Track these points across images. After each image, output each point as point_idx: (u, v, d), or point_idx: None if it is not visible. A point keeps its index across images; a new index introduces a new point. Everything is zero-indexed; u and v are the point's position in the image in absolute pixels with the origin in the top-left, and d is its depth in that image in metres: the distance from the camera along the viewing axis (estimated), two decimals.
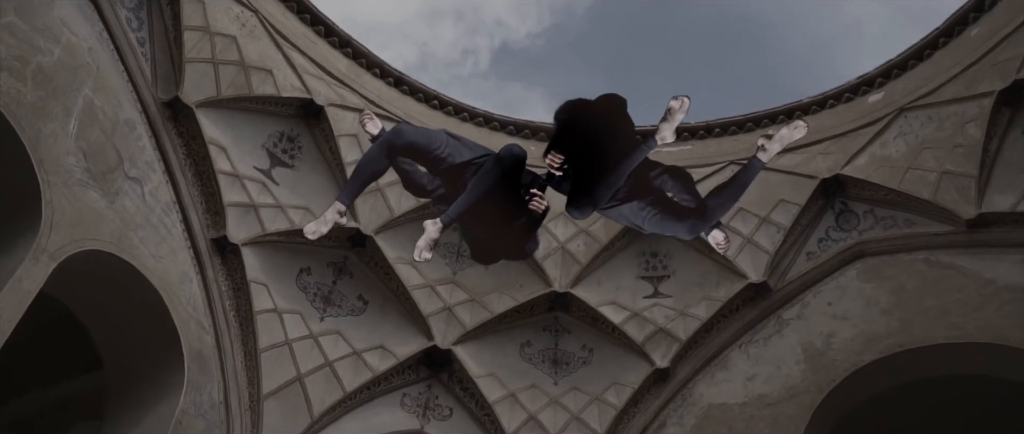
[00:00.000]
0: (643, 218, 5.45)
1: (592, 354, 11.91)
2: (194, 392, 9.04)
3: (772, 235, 11.77)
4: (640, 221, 5.45)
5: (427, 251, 5.60)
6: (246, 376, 9.93)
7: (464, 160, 5.47)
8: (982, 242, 10.73)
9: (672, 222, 5.36)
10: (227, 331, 9.89)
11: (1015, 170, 10.68)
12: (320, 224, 5.69)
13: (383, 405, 11.13)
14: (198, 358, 9.34)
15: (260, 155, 10.99)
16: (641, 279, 12.11)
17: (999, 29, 10.98)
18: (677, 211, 5.38)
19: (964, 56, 11.35)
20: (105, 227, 8.59)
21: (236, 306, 10.19)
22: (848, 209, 11.93)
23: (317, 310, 11.10)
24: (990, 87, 10.76)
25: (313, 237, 5.66)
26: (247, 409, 9.79)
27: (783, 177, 12.01)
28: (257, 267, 10.47)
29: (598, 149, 5.30)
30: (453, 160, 5.46)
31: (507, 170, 5.42)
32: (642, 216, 5.47)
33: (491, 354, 11.68)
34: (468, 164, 5.46)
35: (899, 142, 11.65)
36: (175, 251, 9.61)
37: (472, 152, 5.56)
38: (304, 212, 10.98)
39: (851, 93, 12.55)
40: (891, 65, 12.28)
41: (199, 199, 10.19)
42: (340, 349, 10.95)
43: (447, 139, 5.52)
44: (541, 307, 11.94)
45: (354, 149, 11.47)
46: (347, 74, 11.96)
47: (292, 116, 11.30)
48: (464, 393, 11.53)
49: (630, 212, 5.50)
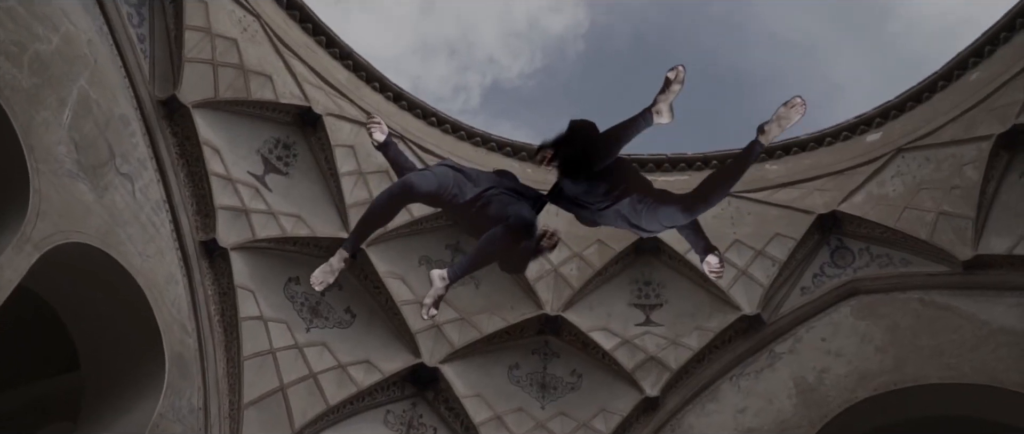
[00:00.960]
0: (640, 213, 5.29)
1: (581, 379, 11.71)
2: (173, 396, 8.77)
3: (767, 268, 11.71)
4: (638, 218, 5.29)
5: (434, 308, 5.46)
6: (227, 383, 9.65)
7: (469, 198, 5.33)
8: (978, 284, 10.74)
9: (668, 208, 5.17)
10: (211, 336, 9.64)
11: (1012, 213, 10.73)
12: (326, 274, 5.43)
13: (366, 421, 10.85)
14: (179, 362, 9.08)
15: (255, 160, 10.83)
16: (633, 306, 11.98)
17: (998, 75, 11.11)
18: (673, 198, 5.22)
19: (962, 100, 11.46)
20: (93, 221, 8.39)
21: (221, 311, 9.95)
22: (843, 246, 11.92)
23: (303, 320, 10.87)
24: (989, 130, 10.86)
25: (319, 288, 5.48)
26: (226, 417, 9.50)
27: (780, 211, 12.02)
28: (245, 273, 10.26)
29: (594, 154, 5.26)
30: (460, 200, 5.33)
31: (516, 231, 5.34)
32: (638, 210, 5.31)
33: (478, 374, 11.45)
34: (475, 199, 5.35)
35: (896, 182, 11.70)
36: (162, 251, 9.40)
37: (477, 185, 5.41)
38: (296, 220, 10.81)
39: (849, 132, 12.62)
40: (889, 106, 12.39)
41: (190, 200, 10.00)
42: (325, 361, 10.70)
43: (454, 177, 5.37)
44: (531, 329, 11.75)
45: (350, 159, 11.35)
46: (347, 86, 11.87)
47: (289, 123, 11.17)
48: (449, 413, 11.28)
49: (627, 210, 5.34)
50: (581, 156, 5.24)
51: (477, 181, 5.42)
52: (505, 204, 5.36)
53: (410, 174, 5.28)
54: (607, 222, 5.59)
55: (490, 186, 5.43)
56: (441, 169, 5.41)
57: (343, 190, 11.16)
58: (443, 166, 5.56)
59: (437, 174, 5.30)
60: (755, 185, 12.43)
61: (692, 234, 5.63)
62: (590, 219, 5.65)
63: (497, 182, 5.51)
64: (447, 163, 5.62)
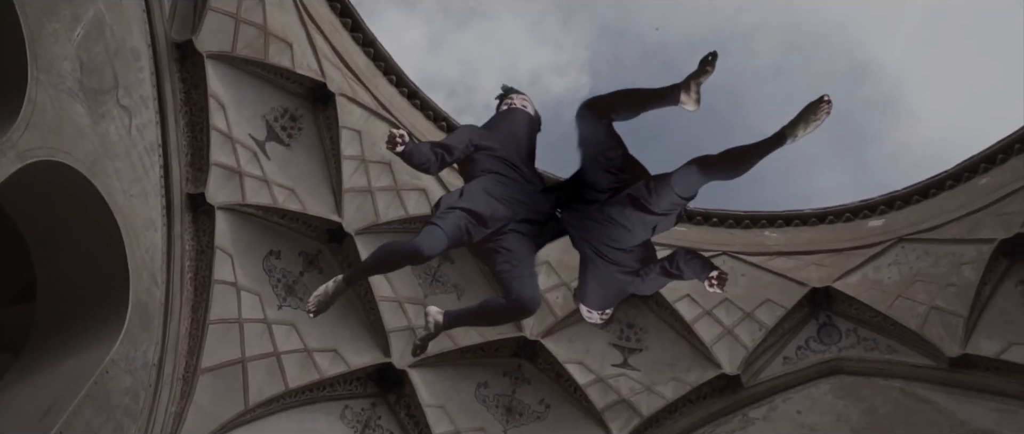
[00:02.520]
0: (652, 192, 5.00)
1: (548, 410, 11.32)
2: (129, 346, 8.24)
3: (753, 332, 11.54)
4: (648, 199, 4.99)
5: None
6: (188, 344, 9.14)
7: (481, 238, 5.10)
8: (961, 383, 10.65)
9: (684, 168, 4.90)
10: (180, 292, 9.15)
11: (1004, 319, 10.71)
12: (322, 302, 5.18)
13: (322, 412, 10.35)
14: (142, 312, 8.58)
15: (258, 124, 10.47)
16: (613, 346, 11.68)
17: (1008, 183, 11.18)
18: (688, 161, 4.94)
19: (969, 201, 11.52)
20: (83, 146, 7.96)
21: (195, 269, 9.47)
22: (832, 323, 11.81)
23: (277, 296, 10.40)
24: (992, 234, 10.89)
25: (313, 313, 5.19)
26: (180, 379, 8.96)
27: (774, 278, 11.93)
28: (227, 235, 9.81)
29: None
30: (472, 240, 5.10)
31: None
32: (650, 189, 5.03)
33: (445, 386, 11.02)
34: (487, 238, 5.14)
35: (893, 269, 11.68)
36: (147, 194, 8.95)
37: (489, 226, 5.10)
38: (289, 193, 10.43)
39: (851, 214, 12.65)
40: (895, 196, 12.44)
41: (185, 149, 9.60)
42: (291, 342, 10.22)
43: (465, 224, 4.99)
44: (506, 350, 11.38)
45: (355, 144, 11.04)
46: (365, 72, 11.62)
47: (300, 95, 10.85)
48: (409, 420, 10.80)
49: (639, 191, 5.05)
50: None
51: (491, 218, 5.08)
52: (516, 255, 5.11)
53: (421, 240, 4.84)
54: (613, 216, 5.28)
55: (503, 224, 5.13)
56: (453, 220, 4.96)
57: (343, 173, 10.82)
58: (455, 213, 5.04)
59: (448, 230, 4.91)
60: (752, 249, 12.38)
61: (693, 262, 5.37)
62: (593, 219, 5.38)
63: (511, 214, 5.18)
64: (459, 205, 5.03)
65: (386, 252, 5.17)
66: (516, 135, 5.47)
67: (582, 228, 5.43)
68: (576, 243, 5.49)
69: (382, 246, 5.21)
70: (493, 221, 5.09)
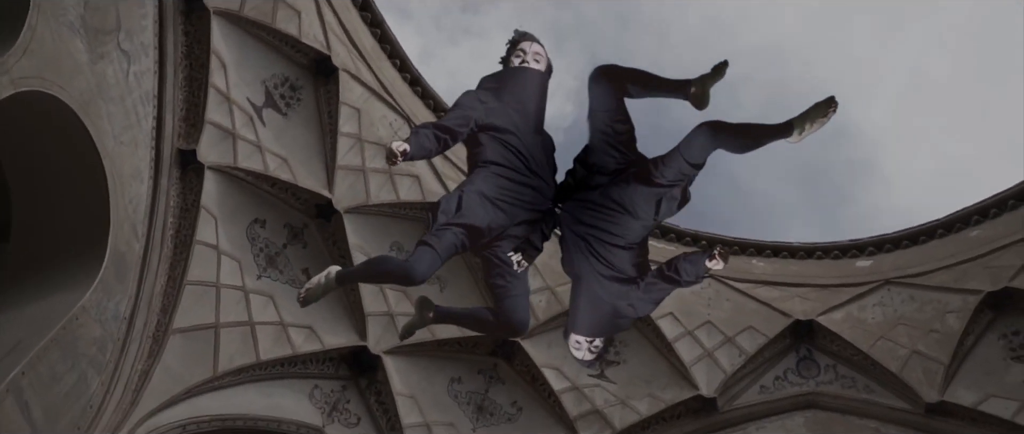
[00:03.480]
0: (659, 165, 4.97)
1: (520, 413, 11.11)
2: (103, 295, 7.93)
3: (733, 357, 11.46)
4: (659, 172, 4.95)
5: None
6: (161, 302, 8.82)
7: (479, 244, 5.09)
8: (937, 429, 10.67)
9: (694, 132, 4.87)
10: (159, 248, 8.85)
11: (984, 370, 10.73)
12: (313, 294, 5.08)
13: (291, 388, 10.06)
14: (119, 263, 8.27)
15: (258, 89, 10.23)
16: None
17: (1000, 237, 11.24)
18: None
19: (958, 251, 11.56)
20: (78, 83, 7.67)
21: (177, 227, 9.18)
22: (812, 358, 11.74)
23: (257, 266, 10.12)
24: (979, 286, 10.94)
25: (302, 303, 5.12)
26: (150, 336, 8.65)
27: (758, 306, 11.87)
28: (214, 196, 9.54)
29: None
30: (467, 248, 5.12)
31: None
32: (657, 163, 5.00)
33: (419, 376, 10.77)
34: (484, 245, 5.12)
35: (877, 310, 11.69)
36: (137, 143, 8.67)
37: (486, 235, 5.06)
38: (281, 162, 10.19)
39: (840, 252, 12.64)
40: (884, 239, 12.47)
41: (181, 104, 9.32)
42: (267, 314, 9.93)
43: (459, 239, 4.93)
44: (483, 348, 11.17)
45: (353, 122, 10.83)
46: (370, 53, 11.43)
47: (303, 66, 10.64)
48: (378, 406, 10.54)
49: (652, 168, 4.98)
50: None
51: (487, 229, 4.99)
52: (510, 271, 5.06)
53: (416, 265, 4.76)
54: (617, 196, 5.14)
55: (500, 231, 5.06)
56: (448, 240, 4.88)
57: (338, 149, 10.60)
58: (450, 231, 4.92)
59: (443, 252, 4.85)
60: (738, 275, 12.30)
61: (691, 257, 5.28)
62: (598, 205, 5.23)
63: (509, 220, 5.06)
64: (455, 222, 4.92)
65: (380, 268, 5.18)
66: (524, 104, 5.22)
67: (580, 223, 5.29)
68: (569, 253, 5.32)
69: (378, 259, 5.33)
70: (490, 231, 5.00)
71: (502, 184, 5.04)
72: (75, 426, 7.54)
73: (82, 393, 7.65)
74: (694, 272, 5.23)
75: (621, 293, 5.25)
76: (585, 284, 5.25)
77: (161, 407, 8.55)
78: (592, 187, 5.20)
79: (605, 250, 5.22)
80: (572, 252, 5.30)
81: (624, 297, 5.25)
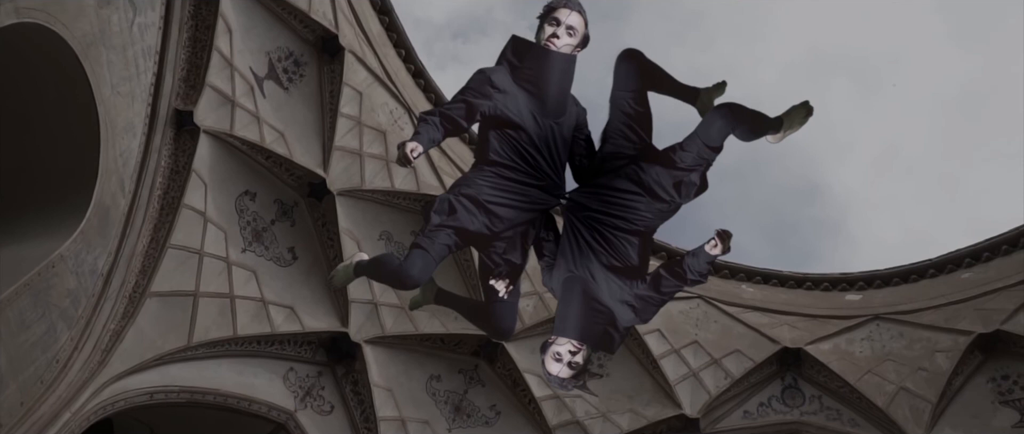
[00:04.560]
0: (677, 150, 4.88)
1: (498, 417, 10.78)
2: (82, 246, 7.57)
3: (718, 379, 11.27)
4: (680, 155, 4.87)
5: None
6: (141, 263, 8.46)
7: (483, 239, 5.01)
8: None
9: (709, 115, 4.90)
10: (145, 207, 8.51)
11: (971, 412, 10.62)
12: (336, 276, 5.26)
13: (265, 368, 9.68)
14: (103, 216, 7.92)
15: (261, 60, 9.98)
16: None
17: (991, 281, 11.20)
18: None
19: (949, 292, 11.52)
20: (82, 24, 7.38)
21: (166, 188, 8.84)
22: (797, 387, 11.58)
23: (243, 239, 9.79)
24: (970, 327, 10.87)
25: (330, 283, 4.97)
26: (126, 297, 8.27)
27: (746, 330, 11.73)
28: (206, 161, 9.23)
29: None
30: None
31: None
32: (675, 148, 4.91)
33: (398, 369, 10.44)
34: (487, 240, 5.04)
35: (865, 344, 11.60)
36: (134, 97, 8.36)
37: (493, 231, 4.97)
38: (277, 136, 9.91)
39: (830, 284, 12.59)
40: (875, 275, 12.43)
41: (183, 64, 9.04)
42: (248, 289, 9.58)
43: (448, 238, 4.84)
44: (467, 348, 10.87)
45: (354, 104, 10.61)
46: (376, 38, 11.26)
47: (309, 42, 10.42)
48: (354, 396, 10.17)
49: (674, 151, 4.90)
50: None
51: (479, 235, 4.90)
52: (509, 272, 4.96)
53: (410, 268, 4.74)
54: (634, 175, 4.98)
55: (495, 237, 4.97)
56: (440, 243, 4.81)
57: (336, 130, 10.36)
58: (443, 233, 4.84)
59: (436, 255, 4.79)
60: (728, 298, 12.19)
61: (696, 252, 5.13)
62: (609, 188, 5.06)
63: (503, 227, 4.95)
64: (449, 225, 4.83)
65: (383, 267, 5.12)
66: (541, 90, 4.94)
67: (589, 210, 5.11)
68: (564, 253, 5.12)
69: (383, 257, 5.22)
70: (482, 238, 4.93)
71: (502, 186, 4.91)
72: (39, 379, 7.14)
73: (50, 345, 7.26)
74: (698, 267, 5.04)
75: (622, 291, 5.05)
76: (582, 284, 5.02)
77: (130, 371, 8.16)
78: (608, 171, 5.04)
79: (614, 236, 5.03)
80: (569, 249, 5.09)
81: (625, 296, 5.05)
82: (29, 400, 6.97)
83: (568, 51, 4.79)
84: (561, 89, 5.01)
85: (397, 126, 11.14)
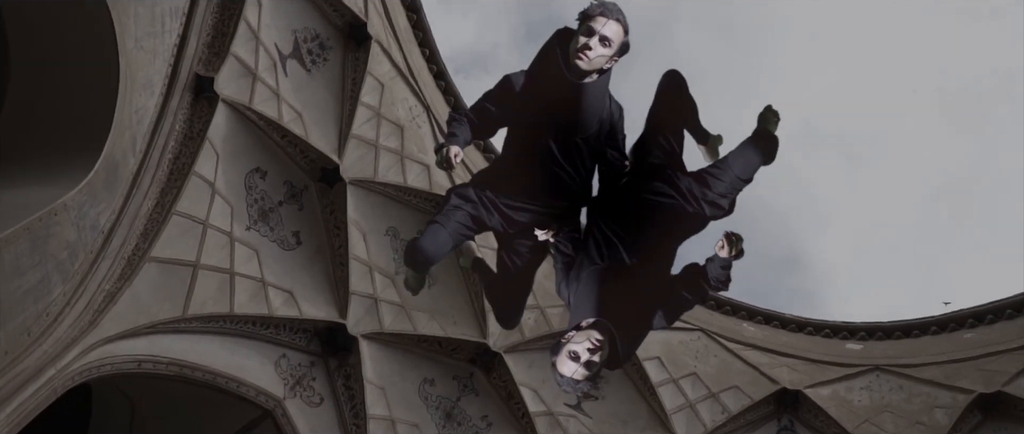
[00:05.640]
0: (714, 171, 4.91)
1: (489, 428, 10.47)
2: (86, 199, 7.23)
3: (715, 413, 11.08)
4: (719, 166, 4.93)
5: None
6: (144, 226, 8.13)
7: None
8: None
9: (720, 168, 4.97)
10: (154, 169, 8.20)
11: None
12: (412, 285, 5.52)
13: (256, 351, 9.33)
14: (111, 171, 7.60)
15: (287, 38, 9.77)
16: None
17: (995, 343, 11.19)
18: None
19: (951, 350, 11.47)
20: None
21: (177, 153, 8.54)
22: (792, 429, 11.48)
23: (249, 216, 9.48)
24: (971, 386, 10.83)
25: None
26: (125, 258, 7.92)
27: (746, 368, 11.60)
28: (221, 130, 8.95)
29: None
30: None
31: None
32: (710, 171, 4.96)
33: (392, 369, 10.12)
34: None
35: (864, 394, 11.49)
36: (156, 54, 8.10)
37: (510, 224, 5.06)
38: (295, 116, 9.67)
39: (831, 331, 12.48)
40: (877, 327, 12.37)
41: (209, 29, 8.80)
42: (249, 268, 9.26)
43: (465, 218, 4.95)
44: (464, 354, 10.57)
45: (375, 94, 10.42)
46: (403, 33, 11.12)
47: (337, 27, 10.24)
48: (344, 390, 9.82)
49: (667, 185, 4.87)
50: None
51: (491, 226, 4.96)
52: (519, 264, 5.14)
53: (425, 241, 4.86)
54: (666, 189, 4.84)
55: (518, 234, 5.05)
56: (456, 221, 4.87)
57: (355, 117, 10.15)
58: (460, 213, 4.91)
59: (451, 231, 4.86)
60: (729, 334, 12.03)
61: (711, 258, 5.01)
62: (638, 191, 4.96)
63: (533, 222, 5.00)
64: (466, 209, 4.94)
65: (408, 247, 5.10)
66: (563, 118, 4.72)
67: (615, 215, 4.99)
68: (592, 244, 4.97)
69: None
70: (497, 233, 5.03)
71: (521, 194, 4.91)
72: (27, 330, 6.77)
73: (42, 296, 6.90)
74: (715, 273, 4.86)
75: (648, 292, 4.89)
76: (607, 278, 4.85)
77: (121, 335, 7.79)
78: (642, 175, 4.97)
79: (641, 236, 4.90)
80: (594, 249, 4.94)
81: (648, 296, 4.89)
82: (14, 350, 6.60)
83: (601, 63, 4.41)
84: (590, 113, 4.74)
85: (415, 124, 10.93)
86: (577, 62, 4.33)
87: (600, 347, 4.39)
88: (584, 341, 4.43)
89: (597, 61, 4.36)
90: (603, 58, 4.37)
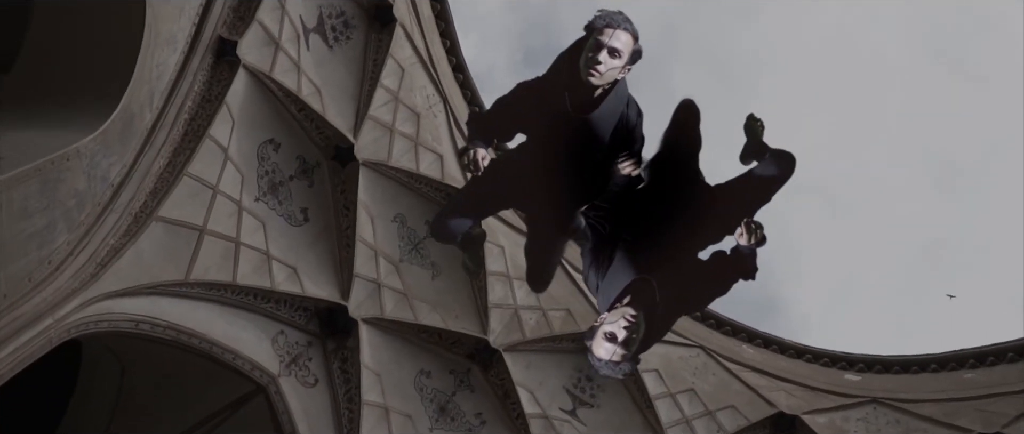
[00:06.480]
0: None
1: (482, 426, 10.25)
2: (99, 148, 7.04)
3: (710, 431, 10.96)
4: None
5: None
6: (154, 184, 7.93)
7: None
8: None
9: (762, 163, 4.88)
10: (169, 128, 8.02)
11: None
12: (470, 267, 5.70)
13: (254, 325, 9.11)
14: (127, 124, 7.42)
15: (312, 11, 9.64)
16: (567, 391, 10.79)
17: (995, 385, 11.08)
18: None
19: (950, 388, 11.35)
20: None
21: (193, 115, 8.37)
22: None
23: (259, 188, 9.30)
24: (970, 426, 10.72)
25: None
26: (132, 216, 7.70)
27: (744, 389, 11.44)
28: (239, 96, 8.78)
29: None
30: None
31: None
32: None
33: (390, 356, 9.92)
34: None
35: (860, 425, 11.38)
36: (183, 10, 7.95)
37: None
38: (315, 92, 9.52)
39: (830, 361, 12.34)
40: (876, 360, 12.25)
41: None
42: (255, 239, 9.06)
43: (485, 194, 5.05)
44: (463, 348, 10.38)
45: (395, 78, 10.29)
46: (427, 22, 11.02)
47: (362, 6, 10.19)
48: (340, 374, 9.61)
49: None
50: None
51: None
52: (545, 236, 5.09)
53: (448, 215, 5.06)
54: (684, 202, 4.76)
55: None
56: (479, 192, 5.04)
57: (373, 99, 10.01)
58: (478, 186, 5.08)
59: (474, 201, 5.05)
60: (728, 354, 11.89)
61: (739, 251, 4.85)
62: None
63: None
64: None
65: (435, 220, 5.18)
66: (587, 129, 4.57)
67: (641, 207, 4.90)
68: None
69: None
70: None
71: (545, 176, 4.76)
72: (28, 276, 6.55)
73: (46, 243, 6.69)
74: (743, 257, 4.73)
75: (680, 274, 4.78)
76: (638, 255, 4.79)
77: (121, 293, 7.57)
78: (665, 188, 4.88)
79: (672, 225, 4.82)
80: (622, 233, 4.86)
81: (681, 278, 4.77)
82: (13, 295, 6.38)
83: (614, 76, 4.24)
84: (603, 127, 4.55)
85: (431, 112, 10.80)
86: (589, 79, 4.16)
87: (635, 320, 4.25)
88: (618, 319, 4.29)
89: (609, 75, 4.18)
90: (615, 70, 4.19)
